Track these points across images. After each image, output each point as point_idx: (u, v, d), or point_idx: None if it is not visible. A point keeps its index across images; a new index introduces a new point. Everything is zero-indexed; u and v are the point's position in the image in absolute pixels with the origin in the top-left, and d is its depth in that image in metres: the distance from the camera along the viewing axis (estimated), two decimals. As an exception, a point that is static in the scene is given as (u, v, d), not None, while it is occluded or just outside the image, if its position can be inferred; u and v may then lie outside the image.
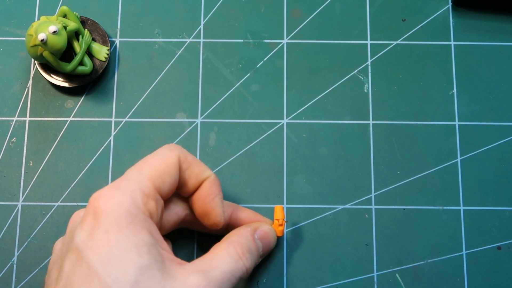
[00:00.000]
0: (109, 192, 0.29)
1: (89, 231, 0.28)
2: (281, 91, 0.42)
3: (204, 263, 0.30)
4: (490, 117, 0.41)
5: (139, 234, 0.28)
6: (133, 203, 0.29)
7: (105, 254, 0.27)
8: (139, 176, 0.30)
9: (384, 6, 0.43)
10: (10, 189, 0.40)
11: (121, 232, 0.28)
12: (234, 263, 0.31)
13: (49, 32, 0.37)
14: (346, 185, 0.40)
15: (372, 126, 0.41)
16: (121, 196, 0.29)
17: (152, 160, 0.32)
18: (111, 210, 0.28)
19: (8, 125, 0.41)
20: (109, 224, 0.28)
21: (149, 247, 0.28)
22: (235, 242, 0.32)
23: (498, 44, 0.43)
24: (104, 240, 0.28)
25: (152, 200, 0.30)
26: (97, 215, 0.28)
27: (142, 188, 0.30)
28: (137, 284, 0.27)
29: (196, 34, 0.43)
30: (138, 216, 0.29)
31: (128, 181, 0.30)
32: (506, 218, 0.39)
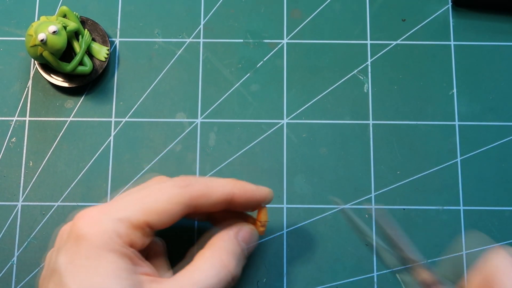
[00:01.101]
0: (96, 216, 0.29)
1: (71, 255, 0.29)
2: (281, 91, 0.42)
3: (185, 279, 0.30)
4: (490, 117, 0.41)
5: (118, 261, 0.28)
6: (115, 232, 0.29)
7: (84, 282, 0.28)
8: (134, 207, 0.30)
9: (384, 6, 0.43)
10: (10, 189, 0.40)
11: (100, 260, 0.28)
12: (217, 275, 0.30)
13: (49, 32, 0.37)
14: (346, 185, 0.40)
15: (372, 126, 0.41)
16: (105, 224, 0.29)
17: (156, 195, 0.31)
18: (92, 236, 0.28)
19: (8, 125, 0.41)
20: (89, 250, 0.28)
21: (128, 273, 0.28)
22: (219, 249, 0.32)
23: (498, 44, 0.43)
24: (84, 266, 0.28)
25: (139, 231, 0.30)
26: (79, 239, 0.29)
27: (131, 220, 0.30)
28: None
29: (196, 34, 0.43)
30: (118, 245, 0.29)
31: (119, 209, 0.30)
32: (506, 218, 0.39)
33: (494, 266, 0.27)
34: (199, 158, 0.40)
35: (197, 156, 0.40)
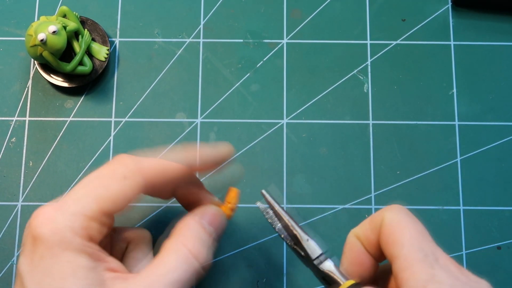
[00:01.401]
0: (49, 213, 0.28)
1: (28, 255, 0.28)
2: (281, 91, 0.42)
3: (151, 273, 0.29)
4: (490, 117, 0.41)
5: (75, 260, 0.27)
6: (70, 229, 0.28)
7: (41, 284, 0.27)
8: (86, 198, 0.29)
9: (384, 6, 0.43)
10: (10, 189, 0.40)
11: (55, 259, 0.27)
12: (183, 266, 0.29)
13: (49, 32, 0.37)
14: (346, 185, 0.40)
15: (372, 126, 0.41)
16: (59, 221, 0.28)
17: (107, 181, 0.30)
18: (46, 236, 0.27)
19: (8, 125, 0.41)
20: (45, 250, 0.27)
21: (86, 272, 0.27)
22: (184, 237, 0.30)
23: (497, 44, 0.43)
24: (41, 267, 0.27)
25: (96, 222, 0.29)
26: (35, 240, 0.28)
27: (86, 211, 0.28)
28: None
29: (196, 34, 0.43)
30: (74, 241, 0.28)
31: (72, 202, 0.29)
32: (505, 218, 0.40)
33: (394, 216, 0.28)
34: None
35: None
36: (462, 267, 0.27)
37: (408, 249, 0.26)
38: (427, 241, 0.27)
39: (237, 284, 0.39)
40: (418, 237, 0.27)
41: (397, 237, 0.27)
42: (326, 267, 0.31)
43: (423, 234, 0.28)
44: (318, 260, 0.31)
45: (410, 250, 0.26)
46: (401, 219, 0.28)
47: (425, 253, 0.26)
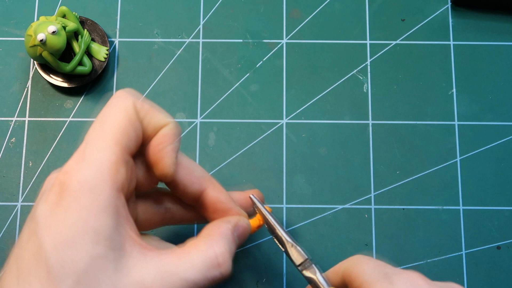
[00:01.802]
0: (75, 166, 0.27)
1: (51, 205, 0.26)
2: (281, 91, 0.42)
3: (171, 261, 0.27)
4: (490, 117, 0.41)
5: (101, 215, 0.26)
6: (100, 177, 0.26)
7: (58, 235, 0.25)
8: (103, 141, 0.27)
9: (384, 6, 0.43)
10: (10, 189, 0.40)
11: (80, 213, 0.25)
12: (206, 272, 0.27)
13: (48, 32, 0.37)
14: (346, 185, 0.40)
15: (372, 126, 0.41)
16: (87, 171, 0.26)
17: (110, 116, 0.28)
18: (75, 187, 0.26)
19: (8, 125, 0.41)
20: (71, 201, 0.26)
21: (110, 232, 0.26)
22: (217, 245, 0.29)
23: (497, 44, 0.43)
24: (62, 219, 0.25)
25: (122, 166, 0.27)
26: (62, 190, 0.26)
27: (109, 156, 0.27)
28: (85, 275, 0.25)
29: (196, 34, 0.43)
30: (104, 192, 0.26)
31: (92, 150, 0.27)
32: (505, 218, 0.40)
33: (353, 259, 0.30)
34: (198, 158, 0.40)
35: (196, 156, 0.40)
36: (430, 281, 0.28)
37: (369, 274, 0.28)
38: (387, 266, 0.29)
39: (237, 284, 0.39)
40: (378, 264, 0.29)
41: (359, 269, 0.29)
42: (311, 273, 0.32)
43: (383, 263, 0.29)
44: (303, 266, 0.32)
45: (371, 274, 0.28)
46: (361, 257, 0.30)
47: (385, 272, 0.28)
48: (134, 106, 0.29)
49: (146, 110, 0.30)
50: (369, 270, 0.28)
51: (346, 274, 0.30)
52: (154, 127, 0.30)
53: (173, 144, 0.30)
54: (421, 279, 0.27)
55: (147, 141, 0.30)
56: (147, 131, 0.30)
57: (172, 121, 0.30)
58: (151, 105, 0.30)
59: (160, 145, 0.30)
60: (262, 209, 0.33)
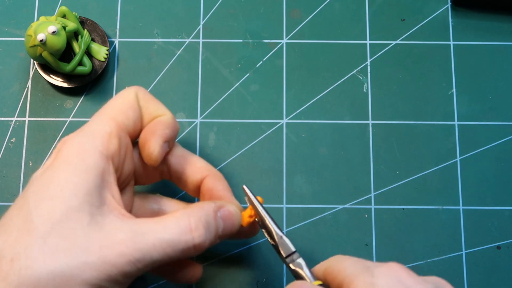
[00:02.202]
0: (73, 135, 0.30)
1: (45, 168, 0.29)
2: (281, 91, 0.42)
3: (145, 224, 0.28)
4: (489, 117, 0.41)
5: (84, 174, 0.28)
6: (91, 142, 0.29)
7: (42, 190, 0.27)
8: (101, 117, 0.31)
9: (383, 6, 0.43)
10: (10, 189, 0.40)
11: (66, 170, 0.28)
12: (178, 234, 0.28)
13: (49, 33, 0.37)
14: (346, 185, 0.40)
15: (372, 126, 0.41)
16: (80, 137, 0.29)
17: (113, 100, 0.32)
18: (68, 149, 0.28)
19: (8, 125, 0.41)
20: (61, 162, 0.28)
21: (89, 189, 0.27)
22: (193, 214, 0.29)
23: (497, 44, 0.43)
24: (49, 176, 0.28)
25: (115, 138, 0.30)
26: (57, 155, 0.29)
27: (104, 127, 0.30)
28: (59, 224, 0.26)
29: (196, 34, 0.43)
30: (92, 154, 0.28)
31: (91, 123, 0.30)
32: (505, 217, 0.40)
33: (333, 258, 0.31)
34: (198, 158, 0.40)
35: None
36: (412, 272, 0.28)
37: (351, 269, 0.28)
38: (367, 261, 0.29)
39: (237, 284, 0.39)
40: (358, 260, 0.29)
41: (340, 265, 0.29)
42: (297, 265, 0.32)
43: (363, 260, 0.30)
44: (291, 258, 0.32)
45: (352, 269, 0.28)
46: (341, 256, 0.31)
47: (366, 266, 0.28)
48: (136, 93, 0.32)
49: (147, 99, 0.33)
50: (350, 266, 0.29)
51: (328, 273, 0.30)
52: (151, 115, 0.33)
53: (163, 130, 0.32)
54: (402, 270, 0.28)
55: (140, 126, 0.33)
56: (144, 119, 0.32)
57: (168, 113, 0.33)
58: (152, 97, 0.33)
59: (150, 128, 0.32)
60: (252, 198, 0.33)
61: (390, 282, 0.27)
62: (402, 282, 0.27)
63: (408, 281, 0.27)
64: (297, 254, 0.32)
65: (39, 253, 0.26)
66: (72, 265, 0.26)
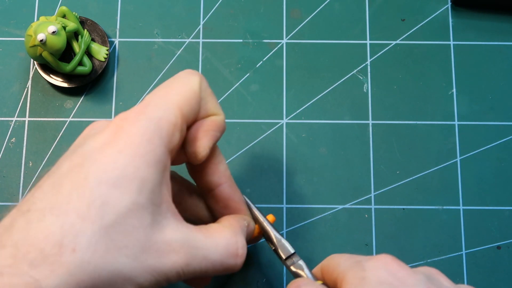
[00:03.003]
0: (135, 116, 0.27)
1: (103, 143, 0.26)
2: (281, 91, 0.42)
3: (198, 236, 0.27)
4: (490, 117, 0.41)
5: (152, 168, 0.26)
6: (158, 133, 0.26)
7: (107, 174, 0.25)
8: (166, 103, 0.28)
9: (384, 6, 0.43)
10: (10, 190, 0.40)
11: (133, 159, 0.25)
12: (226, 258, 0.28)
13: (49, 33, 0.37)
14: (346, 185, 0.40)
15: (372, 126, 0.41)
16: (146, 123, 0.26)
17: (177, 85, 0.29)
18: (133, 134, 0.26)
19: (8, 125, 0.41)
20: (126, 145, 0.25)
21: (155, 186, 0.26)
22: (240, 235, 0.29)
23: (497, 44, 0.43)
24: (113, 159, 0.25)
25: (178, 131, 0.28)
26: (118, 133, 0.26)
27: (170, 117, 0.27)
28: (123, 218, 0.25)
29: (196, 34, 0.43)
30: (158, 148, 0.26)
31: (154, 106, 0.27)
32: (505, 217, 0.40)
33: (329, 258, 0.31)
34: (198, 158, 0.40)
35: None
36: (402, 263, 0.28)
37: (343, 265, 0.29)
38: (360, 256, 0.29)
39: (237, 284, 0.39)
40: (351, 256, 0.30)
41: (334, 263, 0.30)
42: (298, 267, 0.32)
43: (356, 255, 0.30)
44: (291, 260, 0.32)
45: (345, 265, 0.29)
46: (335, 255, 0.31)
47: (357, 261, 0.28)
48: (200, 83, 0.30)
49: (208, 92, 0.30)
50: (343, 262, 0.29)
51: (324, 272, 0.31)
52: (207, 110, 0.30)
53: (216, 132, 0.30)
54: (392, 261, 0.28)
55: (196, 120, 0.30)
56: (200, 112, 0.30)
57: (223, 113, 0.31)
58: (212, 92, 0.31)
59: (205, 126, 0.30)
60: (251, 205, 0.34)
61: (381, 275, 0.27)
62: (393, 274, 0.27)
63: (399, 272, 0.27)
64: (297, 256, 0.33)
65: (103, 248, 0.24)
66: (131, 266, 0.25)
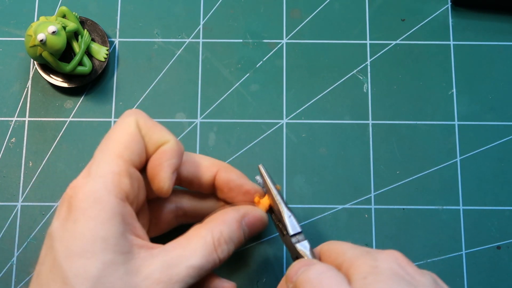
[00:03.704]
0: (82, 180, 0.29)
1: (62, 220, 0.28)
2: (281, 91, 0.42)
3: (175, 252, 0.29)
4: (490, 117, 0.41)
5: (107, 224, 0.27)
6: (104, 188, 0.28)
7: (70, 247, 0.27)
8: (106, 156, 0.29)
9: (384, 6, 0.43)
10: (10, 190, 0.40)
11: (88, 223, 0.27)
12: (206, 257, 0.29)
13: (49, 33, 0.37)
14: (346, 185, 0.40)
15: (372, 126, 0.41)
16: (92, 184, 0.28)
17: (114, 133, 0.31)
18: (81, 200, 0.28)
19: (8, 125, 0.41)
20: (79, 214, 0.27)
21: (117, 239, 0.27)
22: (216, 230, 0.31)
23: (497, 44, 0.43)
24: (72, 231, 0.27)
25: (125, 177, 0.29)
26: (70, 204, 0.28)
27: (112, 168, 0.29)
28: (98, 280, 0.26)
29: (196, 34, 0.43)
30: (109, 202, 0.28)
31: (97, 165, 0.29)
32: (505, 217, 0.40)
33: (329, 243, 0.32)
34: (198, 158, 0.40)
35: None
36: (411, 263, 0.29)
37: (351, 252, 0.29)
38: (366, 247, 0.30)
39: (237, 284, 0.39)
40: (356, 246, 0.30)
41: (339, 249, 0.30)
42: (301, 246, 0.32)
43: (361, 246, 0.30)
44: (296, 239, 0.33)
45: (353, 252, 0.29)
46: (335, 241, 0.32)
47: (367, 251, 0.29)
48: (137, 122, 0.31)
49: (148, 127, 0.31)
50: (350, 250, 0.29)
51: (325, 256, 0.31)
52: (155, 143, 0.31)
53: (170, 161, 0.31)
54: (402, 257, 0.28)
55: (148, 157, 0.32)
56: (148, 148, 0.31)
57: (172, 138, 0.32)
58: (154, 123, 0.32)
59: (157, 160, 0.31)
60: (266, 178, 0.34)
61: (393, 266, 0.27)
62: (403, 268, 0.27)
63: (408, 269, 0.28)
64: (302, 236, 0.33)
65: None
66: None
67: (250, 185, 0.34)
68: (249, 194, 0.34)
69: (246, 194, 0.34)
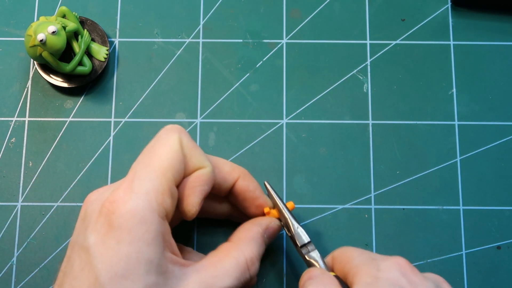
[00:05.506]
0: (124, 196, 0.28)
1: (102, 236, 0.27)
2: (281, 91, 0.42)
3: (209, 272, 0.29)
4: (490, 117, 0.41)
5: (152, 246, 0.27)
6: (148, 207, 0.28)
7: (114, 268, 0.27)
8: (151, 172, 0.29)
9: (384, 6, 0.43)
10: (10, 190, 0.40)
11: (134, 245, 0.27)
12: (240, 277, 0.30)
13: (48, 33, 0.37)
14: (346, 185, 0.40)
15: (372, 126, 0.41)
16: (136, 202, 0.28)
17: (158, 149, 0.30)
18: (125, 218, 0.27)
19: (8, 125, 0.41)
20: (122, 234, 0.27)
21: (159, 260, 0.27)
22: (248, 250, 0.31)
23: (497, 44, 0.43)
24: (116, 251, 0.27)
25: (168, 197, 0.29)
26: (112, 221, 0.27)
27: (157, 186, 0.28)
28: None
29: (196, 34, 0.43)
30: (154, 222, 0.28)
31: (140, 180, 0.29)
32: (505, 217, 0.40)
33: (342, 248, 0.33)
34: (198, 158, 0.40)
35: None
36: (414, 267, 0.29)
37: (358, 260, 0.30)
38: (374, 254, 0.31)
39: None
40: (365, 252, 0.31)
41: (349, 255, 0.31)
42: (312, 256, 0.34)
43: (370, 252, 0.31)
44: (306, 249, 0.34)
45: (359, 260, 0.30)
46: (349, 247, 0.33)
47: (372, 258, 0.29)
48: (180, 141, 0.31)
49: (190, 147, 0.31)
50: (358, 256, 0.30)
51: (336, 262, 0.32)
52: (193, 166, 0.32)
53: (203, 187, 0.32)
54: (407, 265, 0.29)
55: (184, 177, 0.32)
56: (186, 169, 0.31)
57: (210, 165, 0.32)
58: (194, 144, 0.32)
59: (191, 183, 0.31)
60: (272, 193, 0.36)
61: (394, 277, 0.27)
62: (406, 277, 0.28)
63: (411, 277, 0.28)
64: (313, 245, 0.34)
65: None
66: None
67: (263, 199, 0.36)
68: (261, 207, 0.35)
69: (258, 207, 0.35)
